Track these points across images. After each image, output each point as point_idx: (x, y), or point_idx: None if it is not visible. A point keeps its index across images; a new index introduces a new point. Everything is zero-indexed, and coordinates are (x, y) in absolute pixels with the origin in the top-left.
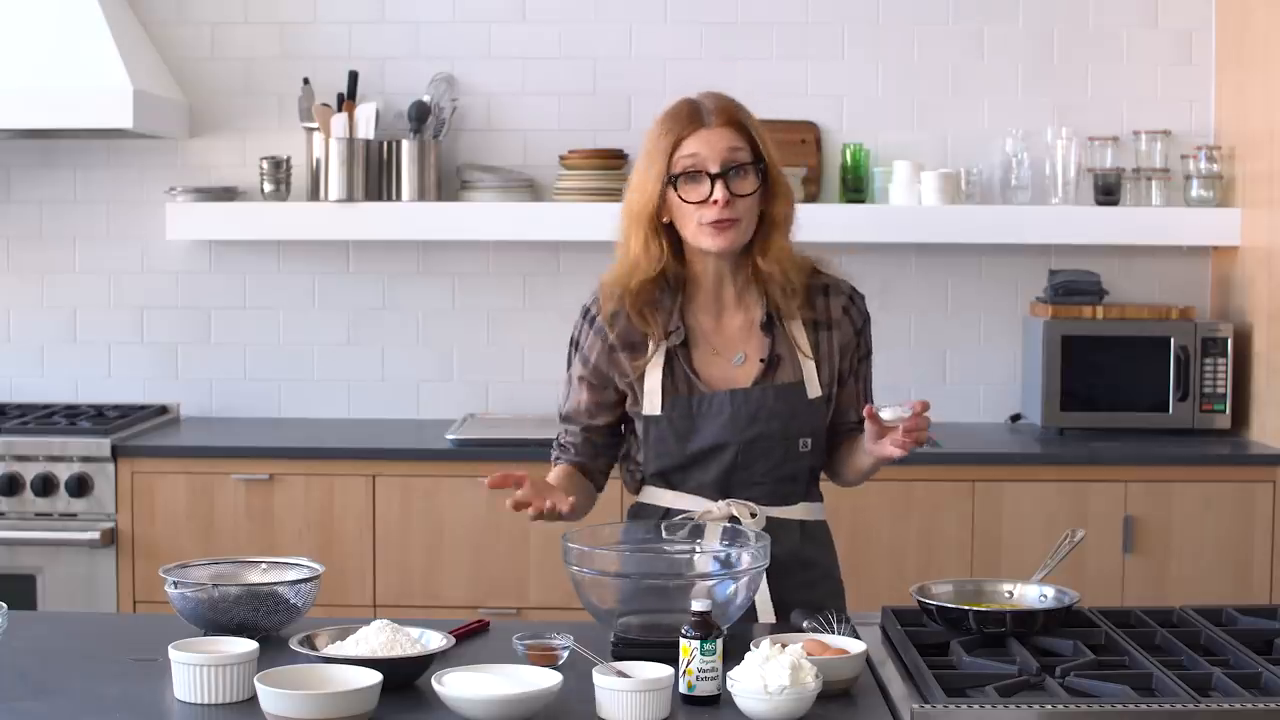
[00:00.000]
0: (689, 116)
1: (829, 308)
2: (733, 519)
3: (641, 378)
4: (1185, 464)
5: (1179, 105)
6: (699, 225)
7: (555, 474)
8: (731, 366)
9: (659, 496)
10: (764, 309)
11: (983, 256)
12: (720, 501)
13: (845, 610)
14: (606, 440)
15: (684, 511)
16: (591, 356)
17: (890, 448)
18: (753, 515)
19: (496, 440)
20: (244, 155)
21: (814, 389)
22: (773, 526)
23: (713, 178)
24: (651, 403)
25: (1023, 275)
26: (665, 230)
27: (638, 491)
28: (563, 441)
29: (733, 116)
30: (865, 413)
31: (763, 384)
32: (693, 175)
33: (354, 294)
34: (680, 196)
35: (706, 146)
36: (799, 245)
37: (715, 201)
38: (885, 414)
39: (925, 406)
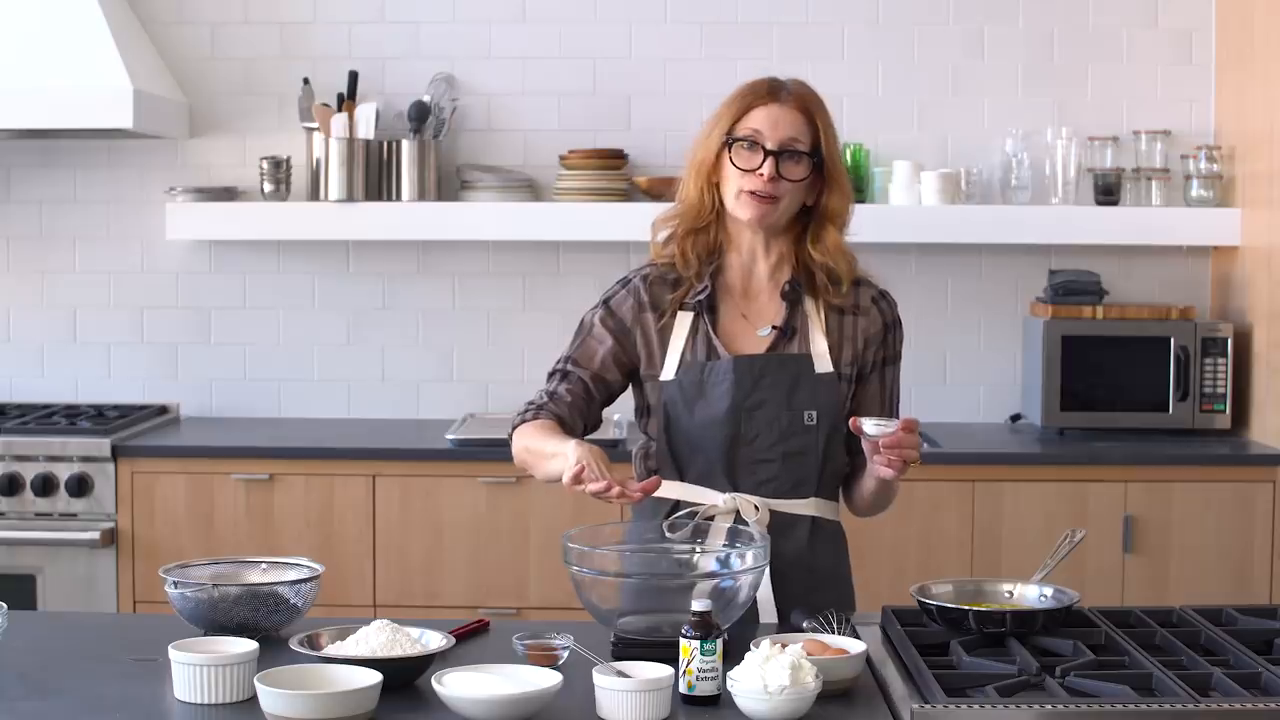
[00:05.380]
0: (766, 89)
1: (858, 296)
2: (738, 517)
3: (666, 337)
4: (1185, 464)
5: (1179, 105)
6: (739, 193)
7: (537, 427)
8: (755, 337)
9: (667, 489)
10: (790, 280)
11: (983, 256)
12: (726, 495)
13: (854, 614)
14: (603, 397)
15: (690, 505)
16: (619, 310)
17: (881, 468)
18: (756, 509)
19: (496, 440)
20: (244, 155)
21: (823, 364)
22: (782, 523)
23: (767, 152)
24: (669, 366)
25: (1023, 275)
26: (716, 189)
27: None
28: (554, 389)
29: (805, 103)
30: (850, 425)
31: (770, 352)
32: (750, 144)
33: (354, 294)
34: (731, 160)
35: (770, 124)
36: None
37: (762, 175)
38: (867, 427)
39: (912, 425)
